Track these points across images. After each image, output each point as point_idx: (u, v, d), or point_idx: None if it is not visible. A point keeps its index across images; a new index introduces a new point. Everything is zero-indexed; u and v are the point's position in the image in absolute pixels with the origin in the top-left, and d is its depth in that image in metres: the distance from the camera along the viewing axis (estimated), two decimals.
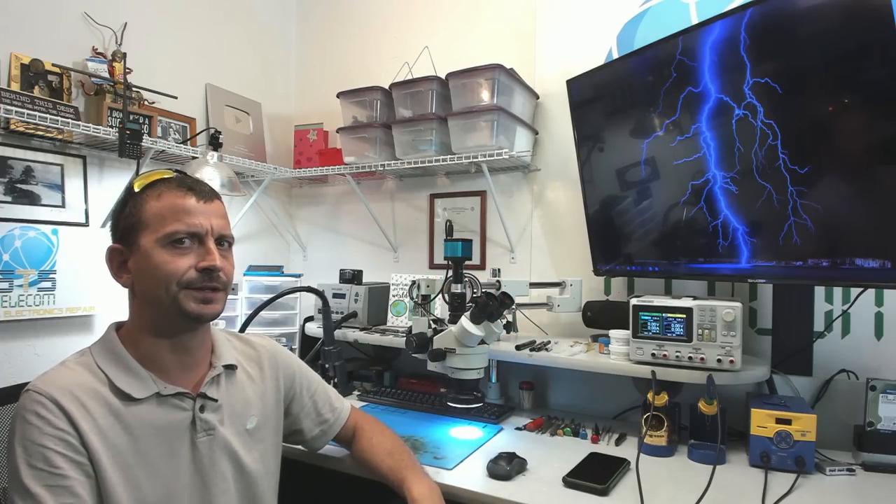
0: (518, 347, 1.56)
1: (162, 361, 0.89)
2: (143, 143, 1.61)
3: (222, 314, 1.94)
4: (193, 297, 0.87)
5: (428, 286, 1.68)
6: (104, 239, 0.92)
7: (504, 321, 1.63)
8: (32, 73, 1.54)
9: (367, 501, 1.24)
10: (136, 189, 0.89)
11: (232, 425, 0.95)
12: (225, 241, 0.93)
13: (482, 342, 1.37)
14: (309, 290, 1.78)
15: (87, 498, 0.76)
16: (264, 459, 1.00)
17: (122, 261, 0.88)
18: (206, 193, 0.92)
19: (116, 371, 0.85)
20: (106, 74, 1.68)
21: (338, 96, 2.05)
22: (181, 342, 0.91)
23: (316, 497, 1.37)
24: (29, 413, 0.77)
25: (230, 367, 0.98)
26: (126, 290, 0.91)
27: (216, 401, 0.92)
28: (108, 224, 0.92)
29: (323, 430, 1.16)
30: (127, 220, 0.87)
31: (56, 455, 0.75)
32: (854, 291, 1.44)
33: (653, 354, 1.34)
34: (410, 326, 1.55)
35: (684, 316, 1.31)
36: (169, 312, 0.86)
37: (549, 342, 1.64)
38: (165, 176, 0.91)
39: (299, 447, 1.21)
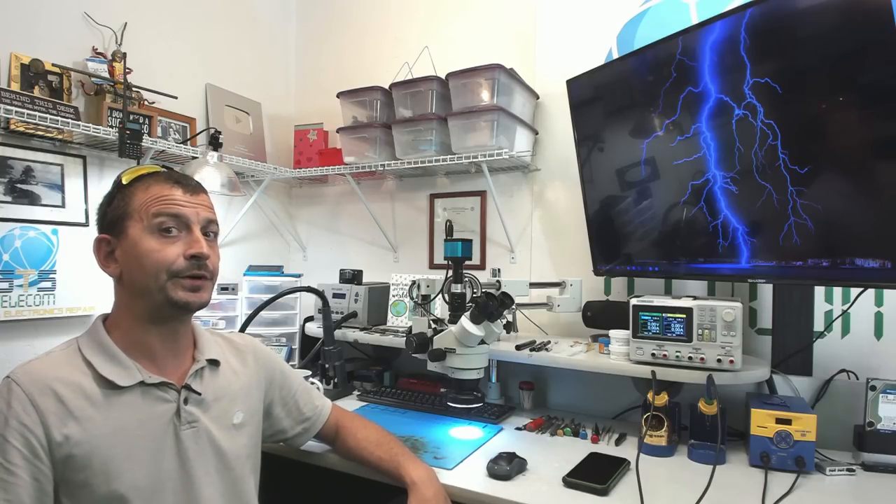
0: (518, 347, 1.56)
1: (150, 348, 0.90)
2: (143, 143, 1.61)
3: (223, 314, 1.96)
4: (182, 285, 0.88)
5: (428, 286, 1.68)
6: None
7: (504, 321, 1.63)
8: (32, 73, 1.54)
9: (367, 501, 1.24)
10: (125, 182, 0.91)
11: (218, 420, 0.94)
12: (210, 231, 0.94)
13: (482, 342, 1.37)
14: (309, 290, 1.78)
15: (28, 502, 0.76)
16: (250, 455, 1.00)
17: (109, 251, 0.90)
18: (192, 186, 0.94)
19: (102, 360, 0.86)
20: (106, 74, 1.68)
21: (338, 96, 2.05)
22: (170, 328, 0.92)
23: (316, 497, 1.37)
24: (1, 400, 0.79)
25: (213, 363, 0.98)
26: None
27: (200, 394, 0.92)
28: (96, 217, 0.95)
29: (305, 429, 1.17)
30: (114, 211, 0.90)
31: (13, 449, 0.76)
32: (854, 291, 1.44)
33: (653, 354, 1.34)
34: (410, 326, 1.55)
35: (684, 316, 1.31)
36: (157, 301, 0.87)
37: (549, 342, 1.64)
38: (153, 170, 0.93)
39: (281, 444, 1.21)
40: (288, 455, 1.29)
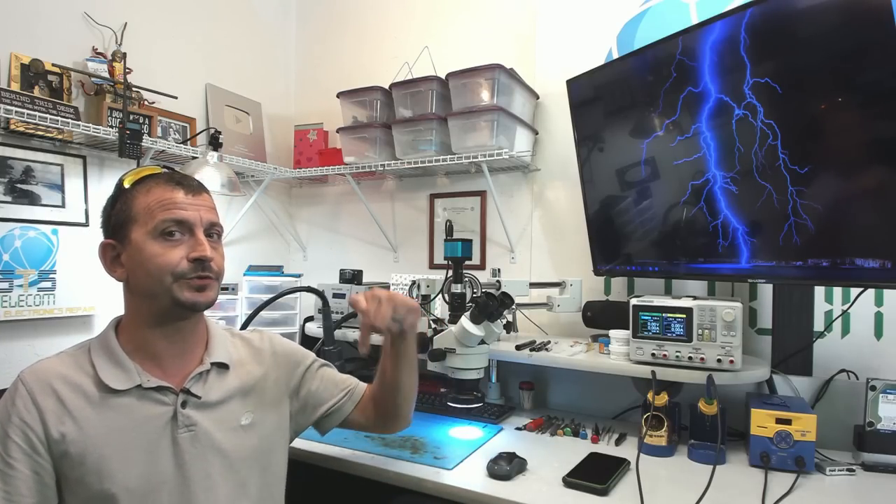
0: (518, 347, 1.56)
1: (154, 350, 0.90)
2: (143, 143, 1.61)
3: (223, 314, 1.96)
4: (188, 285, 0.89)
5: (428, 286, 1.68)
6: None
7: (504, 321, 1.63)
8: (32, 73, 1.54)
9: (368, 501, 1.24)
10: (126, 185, 0.91)
11: (222, 422, 0.93)
12: (213, 232, 0.94)
13: (482, 342, 1.37)
14: (309, 290, 1.78)
15: (26, 493, 0.79)
16: (262, 455, 0.99)
17: (114, 255, 0.91)
18: (194, 187, 0.93)
19: (106, 363, 0.88)
20: (106, 74, 1.68)
21: (338, 96, 2.05)
22: (175, 329, 0.92)
23: (317, 497, 1.37)
24: (9, 396, 0.83)
25: (222, 366, 0.97)
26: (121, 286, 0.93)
27: (199, 397, 0.92)
28: (100, 220, 0.96)
29: (347, 393, 1.11)
30: (118, 215, 0.90)
31: (13, 444, 0.80)
32: (854, 291, 1.44)
33: (653, 354, 1.34)
34: None
35: (684, 316, 1.31)
36: (164, 303, 0.88)
37: (549, 342, 1.63)
38: (154, 172, 0.93)
39: (324, 429, 1.13)
40: (290, 456, 1.29)
